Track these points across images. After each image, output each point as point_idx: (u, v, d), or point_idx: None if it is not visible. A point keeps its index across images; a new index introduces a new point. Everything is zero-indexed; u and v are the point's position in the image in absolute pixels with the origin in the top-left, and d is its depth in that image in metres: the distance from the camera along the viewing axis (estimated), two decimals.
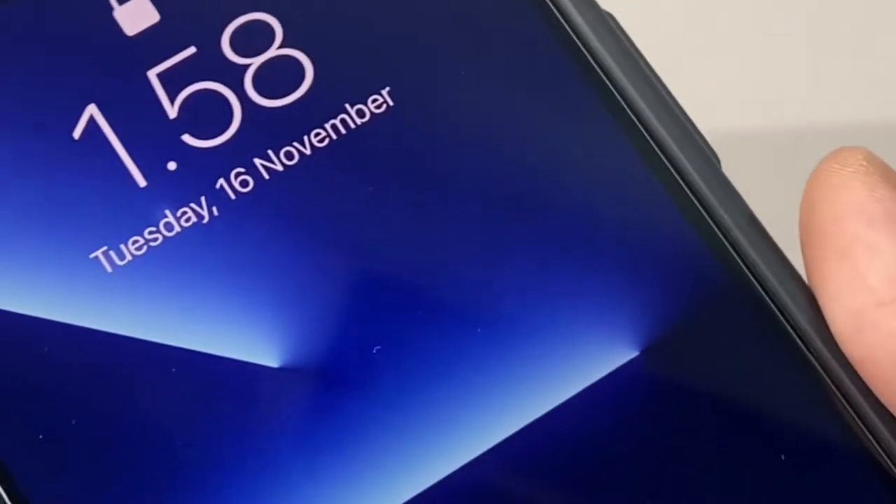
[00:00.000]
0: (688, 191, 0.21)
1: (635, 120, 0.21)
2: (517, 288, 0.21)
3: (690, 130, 0.21)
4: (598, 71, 0.21)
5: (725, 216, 0.21)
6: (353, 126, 0.21)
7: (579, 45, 0.22)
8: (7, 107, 0.21)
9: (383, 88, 0.22)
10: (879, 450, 0.20)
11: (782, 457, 0.20)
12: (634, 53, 0.21)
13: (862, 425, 0.20)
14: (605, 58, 0.21)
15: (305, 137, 0.21)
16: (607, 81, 0.21)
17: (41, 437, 0.20)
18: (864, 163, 0.20)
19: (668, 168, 0.21)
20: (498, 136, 0.21)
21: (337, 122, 0.21)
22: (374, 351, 0.21)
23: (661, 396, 0.21)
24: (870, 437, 0.20)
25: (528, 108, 0.21)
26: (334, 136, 0.21)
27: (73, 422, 0.20)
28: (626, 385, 0.20)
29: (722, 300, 0.21)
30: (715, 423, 0.20)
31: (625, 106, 0.21)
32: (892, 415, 0.20)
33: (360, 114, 0.22)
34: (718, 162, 0.21)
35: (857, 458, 0.20)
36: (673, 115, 0.21)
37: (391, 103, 0.22)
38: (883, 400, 0.20)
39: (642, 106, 0.21)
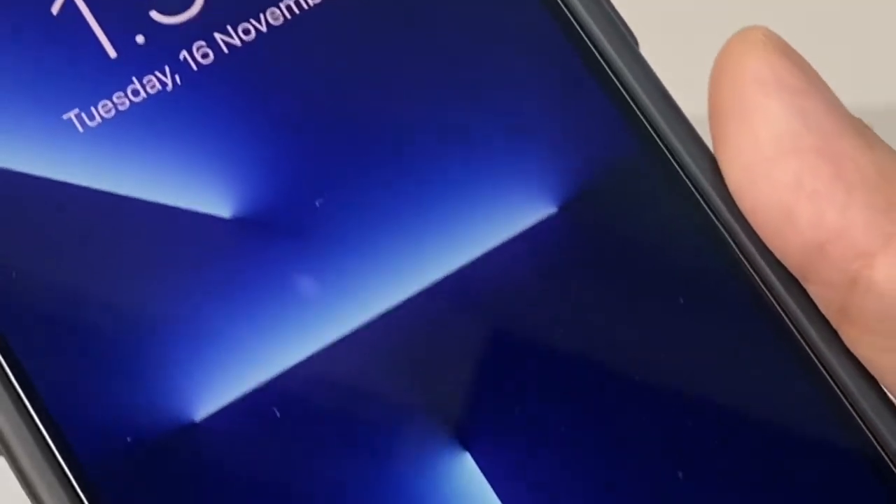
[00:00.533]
0: (604, 65, 0.23)
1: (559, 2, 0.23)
2: (447, 151, 0.23)
3: (612, 14, 0.23)
4: None
5: (638, 88, 0.23)
6: (305, 7, 0.24)
7: None
8: None
9: None
10: (768, 294, 0.22)
11: (681, 300, 0.22)
12: None
13: (751, 269, 0.22)
14: None
15: (262, 15, 0.24)
16: None
17: (14, 275, 0.22)
18: (763, 38, 0.22)
19: (587, 45, 0.23)
20: (430, 22, 0.24)
21: (291, 1, 0.24)
22: (317, 203, 0.23)
23: (576, 251, 0.23)
24: (760, 283, 0.22)
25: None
26: (288, 16, 0.24)
27: (43, 264, 0.22)
28: (543, 239, 0.23)
29: (633, 164, 0.23)
30: (624, 276, 0.23)
31: None
32: (782, 267, 0.22)
33: None
34: (636, 43, 0.23)
35: (747, 306, 0.22)
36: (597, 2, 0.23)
37: None
38: (770, 247, 0.22)
39: None
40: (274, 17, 0.24)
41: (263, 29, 0.23)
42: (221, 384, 0.22)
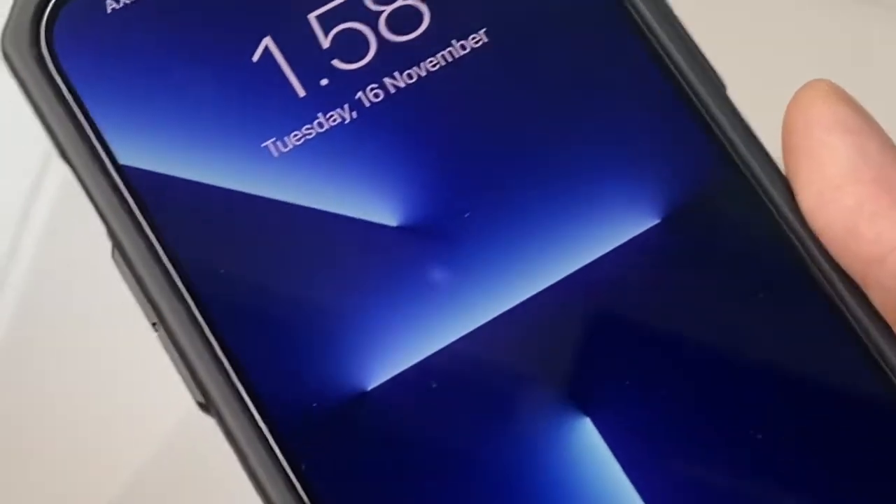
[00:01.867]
0: (698, 104, 0.28)
1: (658, 48, 0.29)
2: (571, 177, 0.28)
3: (700, 59, 0.28)
4: (633, 13, 0.29)
5: (726, 123, 0.28)
6: (458, 55, 0.29)
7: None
8: (209, 38, 0.29)
9: (481, 29, 0.29)
10: (834, 296, 0.27)
11: (760, 295, 0.27)
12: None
13: (821, 277, 0.27)
14: (639, 5, 0.29)
15: (423, 63, 0.29)
16: (639, 21, 0.29)
17: (223, 271, 0.28)
18: (827, 88, 0.27)
19: (685, 88, 0.28)
20: (563, 74, 0.29)
21: (446, 52, 0.29)
22: (465, 216, 0.28)
23: (676, 260, 0.28)
24: (829, 289, 0.27)
25: (578, 51, 0.29)
26: (444, 62, 0.29)
27: (247, 264, 0.28)
28: (645, 250, 0.28)
29: (721, 188, 0.28)
30: (711, 283, 0.28)
31: (649, 36, 0.29)
32: (846, 275, 0.27)
33: (464, 47, 0.29)
34: (724, 86, 0.28)
35: (817, 305, 0.27)
36: (688, 46, 0.29)
37: (486, 40, 0.29)
38: (837, 259, 0.27)
39: (664, 38, 0.29)
40: (432, 64, 0.29)
41: (423, 73, 0.29)
42: (387, 361, 0.27)
